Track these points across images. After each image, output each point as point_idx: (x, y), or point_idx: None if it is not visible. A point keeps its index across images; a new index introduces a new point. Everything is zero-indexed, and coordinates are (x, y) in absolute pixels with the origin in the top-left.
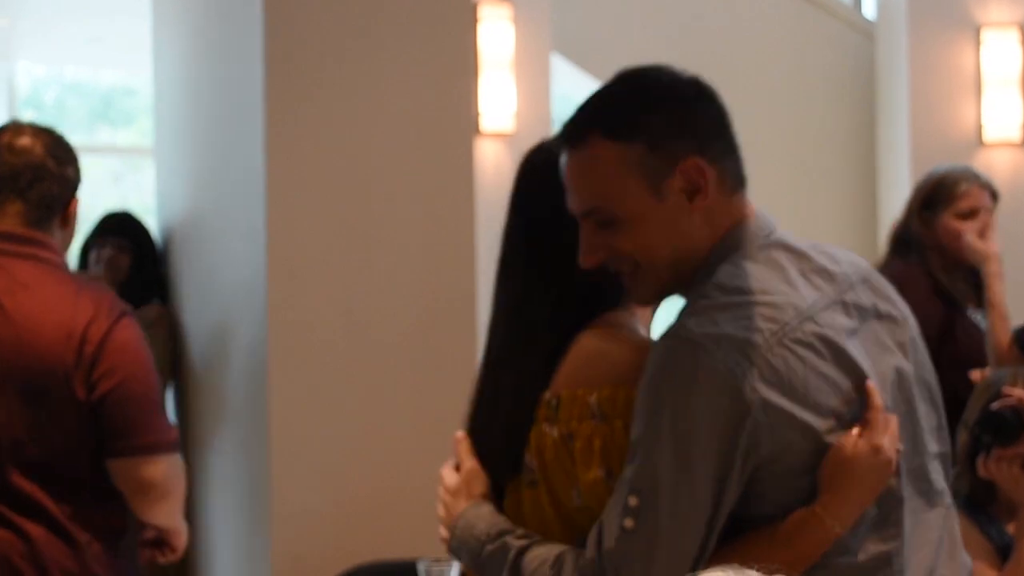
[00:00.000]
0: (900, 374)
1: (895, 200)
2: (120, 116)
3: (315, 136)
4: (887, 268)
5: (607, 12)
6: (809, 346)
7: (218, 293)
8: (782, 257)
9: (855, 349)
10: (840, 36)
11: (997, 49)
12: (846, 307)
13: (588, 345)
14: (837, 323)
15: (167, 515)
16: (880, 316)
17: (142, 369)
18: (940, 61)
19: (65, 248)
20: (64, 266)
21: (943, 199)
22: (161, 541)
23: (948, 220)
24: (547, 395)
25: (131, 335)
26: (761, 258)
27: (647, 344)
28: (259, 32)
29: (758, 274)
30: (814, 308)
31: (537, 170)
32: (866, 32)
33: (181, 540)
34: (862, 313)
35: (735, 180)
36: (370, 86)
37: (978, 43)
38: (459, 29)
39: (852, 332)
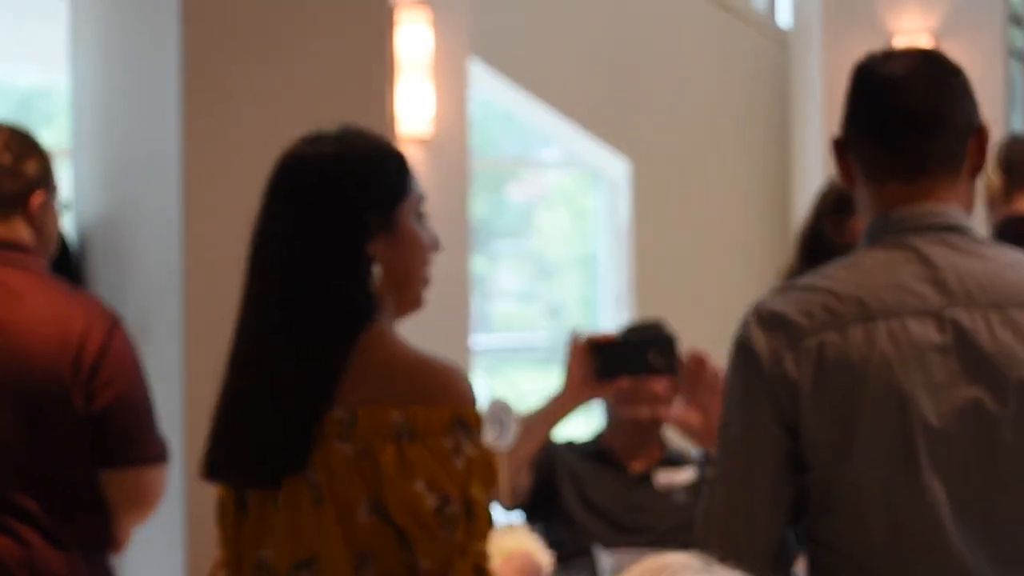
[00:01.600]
0: (979, 407)
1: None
2: (39, 117)
3: (231, 138)
4: (799, 275)
5: (526, 17)
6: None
7: (134, 293)
8: (900, 256)
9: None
10: (755, 44)
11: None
12: (942, 322)
13: (392, 360)
14: (916, 332)
15: (144, 523)
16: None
17: (138, 380)
18: (851, 66)
19: (46, 253)
20: (49, 272)
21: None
22: None
23: (859, 223)
24: (338, 412)
25: (127, 346)
26: (879, 250)
27: (445, 362)
28: (176, 33)
29: (860, 264)
30: (890, 310)
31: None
32: (780, 40)
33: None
34: (961, 335)
35: (888, 169)
36: (286, 88)
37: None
38: (376, 32)
39: (938, 348)
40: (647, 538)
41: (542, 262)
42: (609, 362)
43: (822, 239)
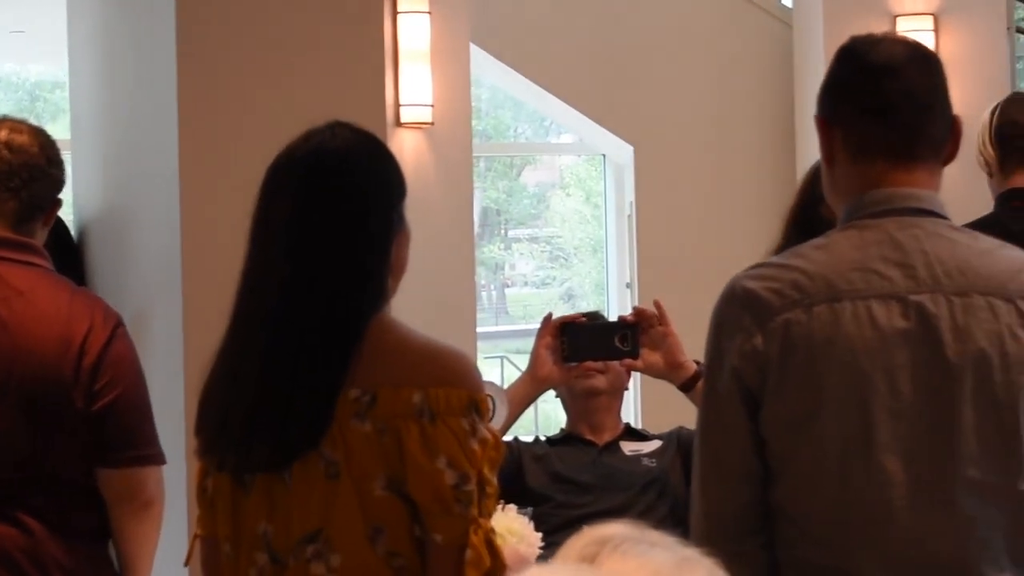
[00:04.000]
0: (938, 389)
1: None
2: (48, 109)
3: (228, 128)
4: None
5: (525, 2)
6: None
7: (134, 286)
8: (872, 237)
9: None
10: (759, 24)
11: (912, 37)
12: (906, 306)
13: (405, 344)
14: (880, 314)
15: (145, 526)
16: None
17: (138, 382)
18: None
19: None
20: (53, 271)
21: None
22: None
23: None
24: (353, 392)
25: (127, 347)
26: (853, 231)
27: (455, 348)
28: (171, 24)
29: (833, 245)
30: (857, 292)
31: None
32: (784, 20)
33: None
34: (924, 319)
35: (879, 149)
36: (283, 78)
37: (893, 30)
38: (371, 20)
39: (901, 332)
40: (620, 498)
41: (557, 247)
42: (577, 345)
43: (820, 220)
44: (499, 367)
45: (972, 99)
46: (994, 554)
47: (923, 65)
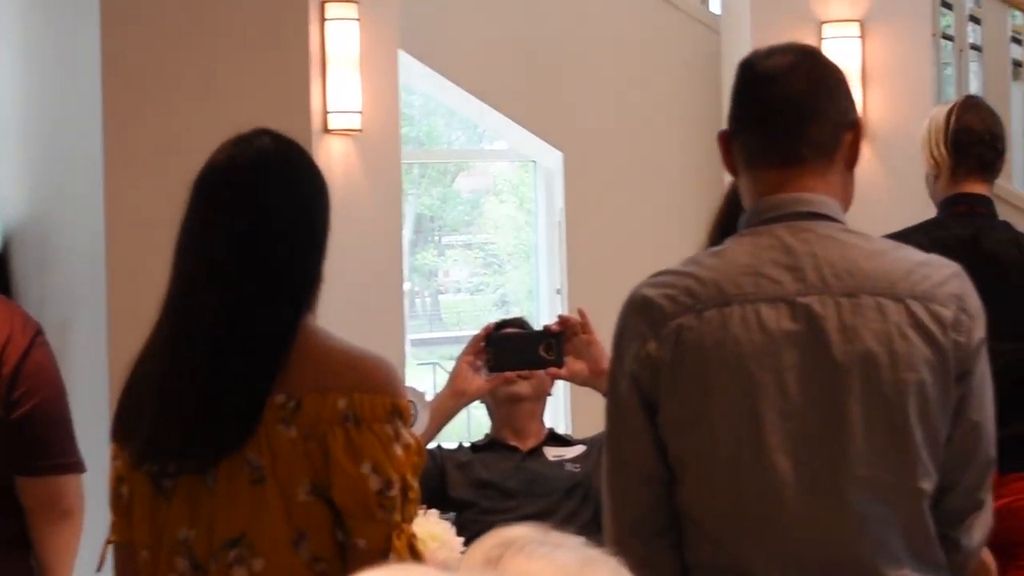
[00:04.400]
0: (826, 389)
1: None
2: None
3: (153, 136)
4: None
5: (453, 9)
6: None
7: (58, 294)
8: (764, 242)
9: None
10: (687, 30)
11: (838, 43)
12: (794, 308)
13: (330, 350)
14: (769, 317)
15: (65, 534)
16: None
17: (56, 391)
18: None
19: None
20: None
21: None
22: None
23: None
24: (279, 397)
25: (46, 356)
26: (746, 237)
27: (378, 355)
28: (96, 31)
29: (727, 251)
30: (746, 296)
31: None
32: (712, 26)
33: None
34: (812, 321)
35: (765, 158)
36: (208, 86)
37: (820, 37)
38: (296, 28)
39: (789, 334)
40: (543, 503)
41: (491, 254)
42: (501, 355)
43: None
44: (432, 374)
45: (898, 105)
46: (891, 551)
47: (810, 71)
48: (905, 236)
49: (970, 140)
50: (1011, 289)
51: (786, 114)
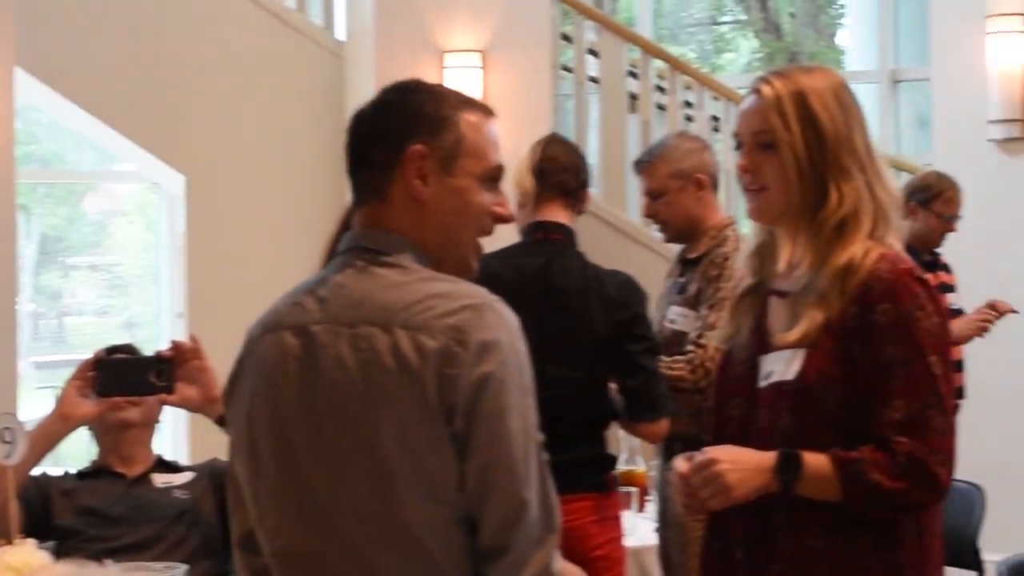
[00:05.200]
0: (309, 411)
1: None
2: None
3: None
4: None
5: (76, 30)
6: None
7: None
8: (324, 271)
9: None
10: (312, 56)
11: (460, 73)
12: (307, 335)
13: None
14: (288, 343)
15: None
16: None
17: None
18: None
19: None
20: None
21: None
22: None
23: None
24: None
25: None
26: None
27: None
28: None
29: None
30: (280, 322)
31: None
32: (337, 53)
33: None
34: (311, 347)
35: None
36: None
37: (442, 67)
38: None
39: (296, 358)
40: (150, 530)
41: (117, 276)
42: (109, 380)
43: None
44: (54, 397)
45: (517, 134)
46: None
47: (376, 109)
48: (483, 260)
49: (554, 169)
50: (570, 318)
51: (349, 154)
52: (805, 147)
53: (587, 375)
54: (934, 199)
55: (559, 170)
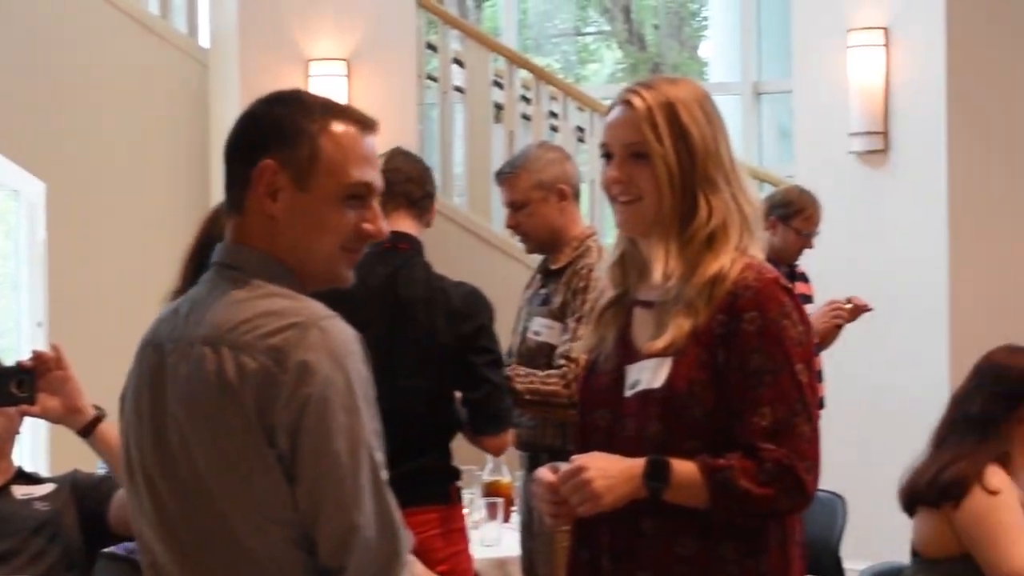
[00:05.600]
0: (160, 424)
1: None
2: None
3: None
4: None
5: None
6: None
7: None
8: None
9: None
10: (175, 63)
11: (325, 81)
12: (159, 351)
13: None
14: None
15: None
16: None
17: None
18: (269, 89)
19: None
20: None
21: None
22: None
23: None
24: None
25: None
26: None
27: None
28: None
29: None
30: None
31: None
32: (201, 60)
33: None
34: (157, 361)
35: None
36: None
37: (307, 75)
38: None
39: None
40: (9, 543)
41: None
42: None
43: None
44: None
45: (384, 143)
46: None
47: (240, 121)
48: None
49: (397, 179)
50: (416, 328)
51: (226, 167)
52: (677, 159)
53: (434, 385)
54: (795, 215)
55: (403, 180)
